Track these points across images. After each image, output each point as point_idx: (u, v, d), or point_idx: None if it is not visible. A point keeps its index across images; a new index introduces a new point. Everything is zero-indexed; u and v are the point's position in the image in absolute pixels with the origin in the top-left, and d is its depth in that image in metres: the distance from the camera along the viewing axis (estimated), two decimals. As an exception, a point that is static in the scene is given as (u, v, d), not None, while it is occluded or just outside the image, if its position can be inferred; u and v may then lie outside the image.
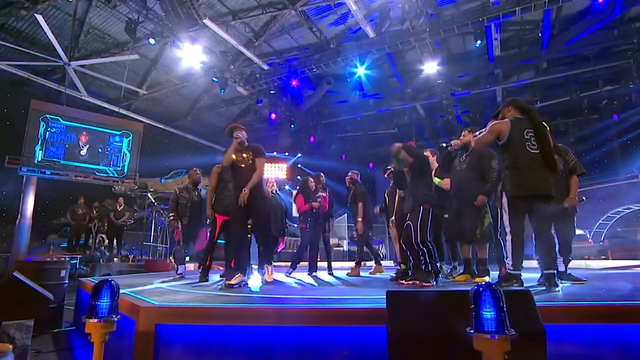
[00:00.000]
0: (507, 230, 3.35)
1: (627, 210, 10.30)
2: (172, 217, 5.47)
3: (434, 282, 3.92)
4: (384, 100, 13.39)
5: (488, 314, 1.57)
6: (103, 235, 9.32)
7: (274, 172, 15.33)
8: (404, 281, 4.23)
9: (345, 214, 13.20)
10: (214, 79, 11.27)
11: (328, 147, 15.78)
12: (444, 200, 4.45)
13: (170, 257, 7.18)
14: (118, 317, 2.01)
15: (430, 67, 10.74)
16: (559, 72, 10.95)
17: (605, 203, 11.65)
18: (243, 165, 4.10)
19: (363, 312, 2.44)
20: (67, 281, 4.29)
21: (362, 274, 6.02)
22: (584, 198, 3.96)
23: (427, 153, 4.75)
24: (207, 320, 2.43)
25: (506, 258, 3.42)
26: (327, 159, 15.56)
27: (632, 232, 9.88)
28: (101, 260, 6.54)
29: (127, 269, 6.83)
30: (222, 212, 4.68)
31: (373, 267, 6.50)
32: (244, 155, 4.11)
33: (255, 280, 4.66)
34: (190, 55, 10.24)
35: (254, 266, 5.31)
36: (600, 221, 11.71)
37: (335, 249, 11.70)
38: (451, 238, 4.75)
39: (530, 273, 3.99)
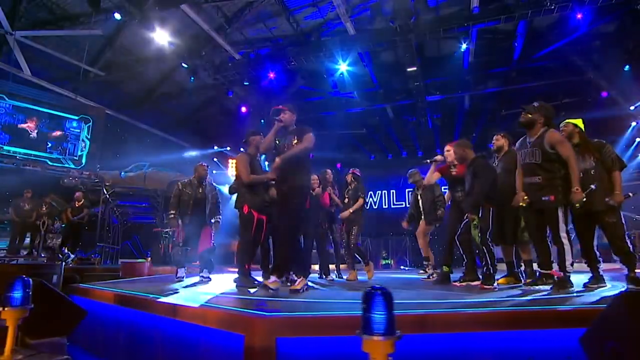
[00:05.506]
0: (565, 234, 3.35)
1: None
2: (172, 215, 4.87)
3: (496, 285, 3.80)
4: (357, 100, 13.21)
5: None
6: (52, 235, 7.94)
7: (232, 169, 14.45)
8: (456, 283, 4.12)
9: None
10: (183, 64, 10.35)
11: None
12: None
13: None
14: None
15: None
16: (526, 82, 11.62)
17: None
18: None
19: (553, 313, 2.30)
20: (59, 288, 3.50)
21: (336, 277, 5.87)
22: (630, 194, 3.93)
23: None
24: (335, 331, 2.02)
25: (569, 262, 3.33)
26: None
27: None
28: (64, 264, 5.53)
29: (99, 273, 5.86)
30: (259, 210, 4.10)
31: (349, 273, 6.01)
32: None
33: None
34: (158, 37, 9.30)
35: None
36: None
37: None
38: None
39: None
